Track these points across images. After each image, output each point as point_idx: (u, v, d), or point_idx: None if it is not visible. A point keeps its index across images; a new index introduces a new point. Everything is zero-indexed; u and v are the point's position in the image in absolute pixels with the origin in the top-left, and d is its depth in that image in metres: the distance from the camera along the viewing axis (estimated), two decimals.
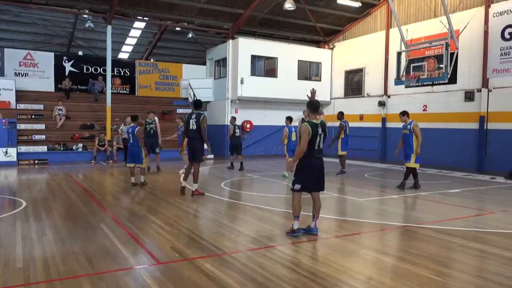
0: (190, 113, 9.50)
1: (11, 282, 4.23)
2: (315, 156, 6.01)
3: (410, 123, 10.55)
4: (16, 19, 20.58)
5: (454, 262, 5.20)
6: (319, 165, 6.10)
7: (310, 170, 6.03)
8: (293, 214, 6.12)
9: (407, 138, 10.61)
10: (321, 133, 6.01)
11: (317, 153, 6.02)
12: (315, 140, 5.94)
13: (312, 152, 5.96)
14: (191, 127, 9.27)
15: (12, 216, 7.26)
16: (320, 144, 6.04)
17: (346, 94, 22.19)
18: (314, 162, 6.03)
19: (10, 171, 14.08)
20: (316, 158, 6.03)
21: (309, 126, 5.90)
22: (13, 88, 19.07)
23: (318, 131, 5.96)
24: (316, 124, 5.99)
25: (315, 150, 5.98)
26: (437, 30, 15.84)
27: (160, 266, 4.78)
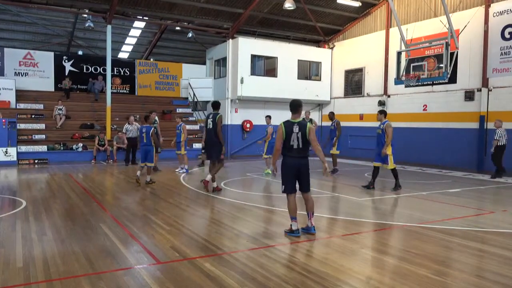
0: (208, 113, 9.89)
1: (11, 282, 4.23)
2: (292, 155, 5.96)
3: (383, 122, 10.27)
4: (16, 19, 20.60)
5: (453, 262, 5.20)
6: (298, 164, 5.99)
7: (287, 169, 6.02)
8: (290, 215, 6.14)
9: (380, 137, 10.37)
10: (298, 132, 5.89)
11: (295, 152, 5.94)
12: (289, 139, 5.90)
13: (289, 152, 5.96)
14: (208, 127, 9.64)
15: (12, 215, 7.26)
16: (300, 144, 5.92)
17: (346, 93, 22.18)
18: (291, 161, 5.99)
19: (10, 171, 14.08)
20: (293, 158, 5.97)
21: (283, 126, 5.93)
22: (13, 87, 19.07)
23: (294, 130, 5.89)
24: (293, 123, 5.95)
25: (292, 149, 5.93)
26: (437, 29, 15.84)
27: (160, 265, 4.79)
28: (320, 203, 8.96)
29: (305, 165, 6.04)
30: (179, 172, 13.48)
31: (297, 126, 5.91)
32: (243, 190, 10.73)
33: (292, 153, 5.95)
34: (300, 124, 5.95)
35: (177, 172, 13.48)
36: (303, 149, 5.96)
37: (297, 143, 5.91)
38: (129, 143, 16.10)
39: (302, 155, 5.99)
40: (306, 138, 5.91)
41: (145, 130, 10.92)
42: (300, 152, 5.96)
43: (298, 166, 6.00)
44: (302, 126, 5.93)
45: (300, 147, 5.93)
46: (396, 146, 19.11)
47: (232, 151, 20.71)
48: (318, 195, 9.55)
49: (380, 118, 10.40)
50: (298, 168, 6.00)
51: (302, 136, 5.90)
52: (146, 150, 10.96)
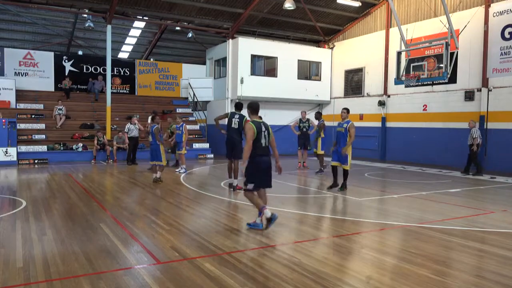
0: (233, 112, 10.18)
1: (11, 282, 4.23)
2: (262, 153, 6.27)
3: (347, 122, 9.82)
4: (16, 19, 20.61)
5: (453, 262, 5.20)
6: (267, 162, 6.34)
7: (258, 167, 6.27)
8: (258, 210, 6.36)
9: (343, 137, 9.83)
10: (265, 130, 6.28)
11: (264, 150, 6.30)
12: (260, 138, 6.22)
13: (259, 150, 6.24)
14: (233, 126, 9.94)
15: (12, 215, 7.26)
16: (266, 142, 6.31)
17: (346, 93, 22.19)
18: (261, 159, 6.28)
19: (10, 171, 14.08)
20: (262, 156, 6.27)
21: (253, 126, 6.21)
22: (13, 87, 19.08)
23: (262, 129, 6.26)
24: (260, 122, 6.31)
25: (262, 148, 6.26)
26: (437, 29, 15.84)
27: (160, 265, 4.79)
28: (320, 203, 8.97)
29: (270, 162, 6.44)
30: (179, 172, 13.48)
31: (264, 126, 6.32)
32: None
33: (262, 151, 6.28)
34: (264, 123, 6.37)
35: (177, 172, 13.48)
36: (268, 148, 6.39)
37: (265, 142, 6.30)
38: (131, 143, 16.19)
39: (268, 153, 6.40)
40: (270, 137, 6.36)
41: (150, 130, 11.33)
42: (267, 150, 6.37)
43: (269, 164, 6.38)
44: (267, 126, 6.41)
45: (267, 145, 6.35)
46: (395, 146, 19.18)
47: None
48: (318, 195, 9.56)
49: (345, 116, 9.92)
50: (269, 166, 6.38)
51: (267, 135, 6.34)
52: (152, 149, 11.30)
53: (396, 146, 19.26)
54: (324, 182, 11.99)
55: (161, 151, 11.29)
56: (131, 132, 16.04)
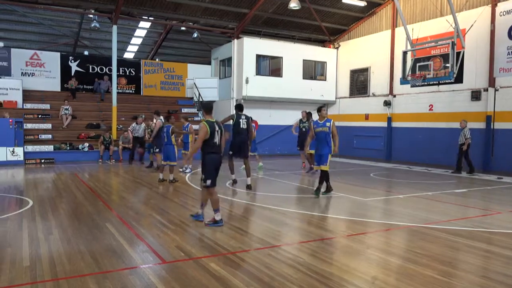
0: (238, 113, 10.43)
1: (18, 281, 4.26)
2: (215, 151, 6.55)
3: (328, 120, 9.37)
4: (22, 19, 20.73)
5: (459, 262, 5.18)
6: (219, 159, 6.65)
7: (214, 164, 6.57)
8: (213, 207, 6.61)
9: (325, 137, 9.29)
10: (218, 130, 6.57)
11: (216, 148, 6.58)
12: (213, 137, 6.49)
13: (213, 148, 6.53)
14: (241, 126, 10.24)
15: (19, 215, 7.32)
16: (219, 141, 6.58)
17: (351, 93, 22.13)
18: (216, 157, 6.58)
19: (17, 170, 14.18)
20: (216, 153, 6.58)
21: (207, 125, 6.46)
22: (20, 87, 19.20)
23: (216, 128, 6.52)
24: (213, 122, 6.56)
25: (215, 146, 6.53)
26: (443, 29, 15.76)
27: (165, 265, 4.80)
28: (325, 203, 8.95)
29: (221, 161, 6.73)
30: (184, 172, 13.51)
31: (217, 125, 6.59)
32: (249, 190, 10.73)
33: (215, 149, 6.56)
34: (217, 123, 6.66)
35: (181, 171, 13.50)
36: (220, 146, 6.64)
37: (218, 140, 6.57)
38: (135, 142, 16.28)
39: (220, 151, 6.66)
40: (222, 136, 6.67)
41: (165, 130, 11.36)
42: (219, 148, 6.63)
43: (220, 161, 6.68)
44: (220, 126, 6.69)
45: (220, 144, 6.63)
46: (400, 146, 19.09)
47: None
48: (324, 195, 9.54)
49: (323, 115, 9.52)
50: (219, 164, 6.67)
51: (220, 134, 6.62)
52: (167, 149, 11.39)
53: (401, 146, 19.18)
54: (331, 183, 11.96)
55: (174, 152, 11.41)
56: (136, 132, 16.11)
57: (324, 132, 9.30)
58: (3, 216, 7.17)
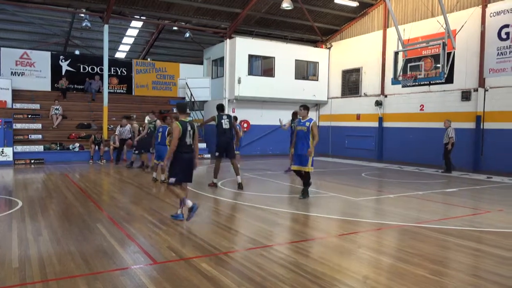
0: (219, 114, 10.55)
1: (7, 282, 4.21)
2: (185, 151, 6.74)
3: (309, 120, 9.02)
4: (12, 18, 20.51)
5: (450, 261, 5.21)
6: (189, 159, 6.81)
7: (181, 163, 6.74)
8: (180, 201, 6.87)
9: (304, 136, 8.97)
10: (191, 129, 6.77)
11: (187, 148, 6.76)
12: (185, 137, 6.69)
13: (183, 148, 6.71)
14: (224, 126, 10.36)
15: (8, 216, 7.23)
16: (191, 141, 6.79)
17: (343, 93, 22.21)
18: (184, 156, 6.74)
19: (6, 171, 14.03)
20: (186, 153, 6.75)
21: (179, 125, 6.68)
22: (9, 87, 18.97)
23: (188, 128, 6.72)
24: (185, 122, 6.77)
25: (186, 145, 6.73)
26: (434, 29, 15.87)
27: (156, 265, 4.77)
28: (317, 203, 8.96)
29: (192, 159, 6.90)
30: None
31: (189, 125, 6.78)
32: (240, 190, 10.72)
33: (186, 149, 6.75)
34: (190, 123, 6.86)
35: None
36: (191, 145, 6.85)
37: (190, 140, 6.77)
38: (121, 144, 16.45)
39: (191, 150, 6.87)
40: (195, 135, 6.85)
41: (161, 130, 11.37)
42: (190, 148, 6.84)
43: (191, 160, 6.85)
44: (193, 125, 6.87)
45: (191, 144, 6.82)
46: (392, 146, 19.19)
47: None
48: (316, 195, 9.56)
49: (304, 114, 9.09)
50: (191, 162, 6.86)
51: (192, 133, 6.80)
52: (160, 149, 11.35)
53: (393, 146, 19.30)
54: (323, 182, 11.99)
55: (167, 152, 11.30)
56: (122, 134, 16.23)
57: (302, 131, 9.01)
58: None
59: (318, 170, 15.57)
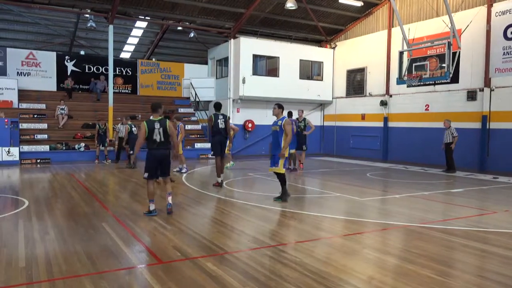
0: (215, 113, 10.68)
1: (14, 281, 4.24)
2: (155, 147, 7.15)
3: (282, 118, 8.62)
4: (18, 19, 20.61)
5: (456, 262, 5.19)
6: (160, 155, 7.19)
7: (151, 159, 7.20)
8: (149, 198, 7.27)
9: (278, 136, 8.59)
10: (160, 128, 7.11)
11: (158, 145, 7.14)
12: (153, 135, 7.09)
13: (153, 145, 7.14)
14: (220, 126, 10.51)
15: (14, 215, 7.28)
16: (161, 138, 7.12)
17: (348, 93, 22.17)
18: (153, 153, 7.18)
19: (13, 171, 14.12)
20: (155, 150, 7.16)
21: (145, 124, 7.12)
22: (15, 87, 19.12)
23: (155, 126, 7.11)
24: (154, 121, 7.17)
25: (155, 142, 7.12)
26: (439, 29, 15.81)
27: (161, 265, 4.79)
28: (322, 203, 8.96)
29: (166, 155, 7.30)
30: (180, 171, 13.47)
31: (158, 123, 7.14)
32: (245, 190, 10.74)
33: (156, 145, 7.15)
34: (160, 121, 7.18)
35: (175, 172, 13.42)
36: (164, 142, 7.17)
37: (159, 137, 7.11)
38: (120, 142, 16.47)
39: (164, 147, 7.21)
40: (167, 133, 7.15)
41: None
42: (162, 144, 7.17)
43: (163, 156, 7.24)
44: (163, 123, 7.18)
45: (162, 140, 7.14)
46: (397, 146, 19.11)
47: (233, 151, 20.67)
48: (321, 195, 9.55)
49: (277, 112, 8.69)
50: (163, 158, 7.24)
51: (163, 131, 7.13)
52: None
53: (398, 146, 19.25)
54: (328, 183, 11.97)
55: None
56: (121, 133, 16.31)
57: (275, 131, 8.65)
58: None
59: (323, 170, 15.58)
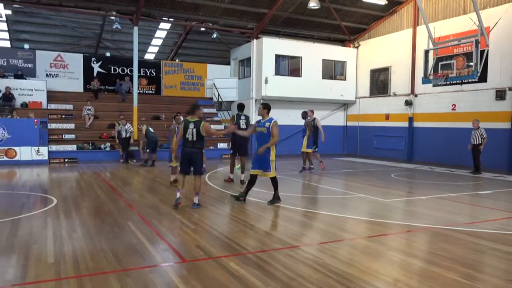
0: (238, 114, 11.25)
1: (43, 277, 4.37)
2: (186, 145, 7.84)
3: (269, 120, 8.29)
4: (47, 22, 21.22)
5: (483, 266, 5.07)
6: (189, 152, 7.84)
7: (182, 156, 7.97)
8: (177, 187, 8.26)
9: (264, 138, 8.30)
10: (193, 128, 7.76)
11: (189, 143, 7.80)
12: (186, 133, 7.80)
13: (185, 142, 7.86)
14: (241, 126, 10.95)
15: (43, 213, 7.50)
16: (194, 137, 7.76)
17: (371, 93, 21.89)
18: (184, 150, 7.90)
19: (42, 169, 14.53)
20: (186, 147, 7.84)
21: (183, 123, 7.99)
22: (44, 88, 19.67)
23: (189, 126, 7.78)
24: (189, 121, 7.83)
25: (187, 140, 7.81)
26: (467, 27, 15.43)
27: (185, 264, 4.85)
28: (345, 204, 8.89)
29: (195, 153, 7.86)
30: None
31: (193, 124, 7.78)
32: (268, 190, 10.73)
33: (186, 144, 7.84)
34: (195, 122, 7.79)
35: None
36: (194, 142, 7.78)
37: (191, 137, 7.76)
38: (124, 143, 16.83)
39: (193, 145, 7.81)
40: (199, 133, 7.75)
41: None
42: (192, 143, 7.79)
43: (190, 154, 7.83)
44: (197, 124, 7.78)
45: (193, 140, 7.77)
46: (422, 147, 18.73)
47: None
48: (344, 196, 9.47)
49: (263, 113, 8.39)
50: (190, 156, 7.81)
51: (196, 132, 7.75)
52: None
53: (423, 147, 18.88)
54: (351, 183, 11.86)
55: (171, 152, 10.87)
56: (123, 133, 16.62)
57: (262, 133, 8.30)
58: (29, 214, 7.37)
59: (346, 170, 15.45)
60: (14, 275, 4.44)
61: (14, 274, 4.46)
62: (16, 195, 9.41)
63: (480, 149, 13.96)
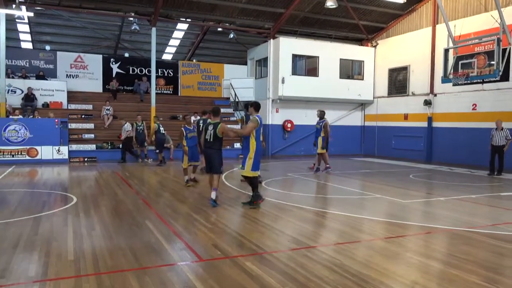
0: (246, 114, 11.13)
1: (64, 274, 4.45)
2: (205, 146, 8.24)
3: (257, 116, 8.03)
4: (67, 24, 21.63)
5: (505, 268, 4.95)
6: (207, 152, 8.26)
7: (204, 155, 8.58)
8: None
9: (247, 137, 8.05)
10: (212, 129, 8.04)
11: (206, 144, 8.18)
12: (205, 134, 8.17)
13: (204, 143, 8.26)
14: None
15: (64, 211, 7.64)
16: (211, 138, 8.06)
17: (389, 93, 21.63)
18: (204, 150, 8.40)
19: (62, 168, 14.80)
20: (205, 148, 8.26)
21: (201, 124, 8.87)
22: (64, 89, 20.05)
23: (209, 128, 8.10)
24: (210, 123, 8.18)
25: (206, 141, 8.17)
26: (488, 25, 15.11)
27: (202, 263, 4.88)
28: (363, 205, 8.80)
29: (212, 153, 8.14)
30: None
31: (212, 125, 8.10)
32: (284, 190, 10.72)
33: (206, 145, 8.21)
34: (214, 124, 8.09)
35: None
36: (212, 143, 8.08)
37: (210, 138, 8.08)
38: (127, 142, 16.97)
39: (210, 146, 8.12)
40: (216, 135, 8.00)
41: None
42: (210, 143, 8.11)
43: (208, 154, 8.23)
44: (215, 126, 8.05)
45: (211, 141, 8.08)
46: (442, 147, 18.40)
47: (273, 151, 20.73)
48: (361, 196, 9.38)
49: (251, 111, 8.27)
50: (209, 157, 8.18)
51: (213, 133, 8.02)
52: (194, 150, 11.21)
53: (442, 147, 18.57)
54: (369, 184, 11.74)
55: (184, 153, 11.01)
56: (126, 133, 16.79)
57: None
58: (50, 212, 7.52)
59: (364, 171, 15.31)
60: (36, 271, 4.53)
61: (36, 271, 4.55)
62: (37, 194, 9.60)
63: (504, 150, 13.61)
